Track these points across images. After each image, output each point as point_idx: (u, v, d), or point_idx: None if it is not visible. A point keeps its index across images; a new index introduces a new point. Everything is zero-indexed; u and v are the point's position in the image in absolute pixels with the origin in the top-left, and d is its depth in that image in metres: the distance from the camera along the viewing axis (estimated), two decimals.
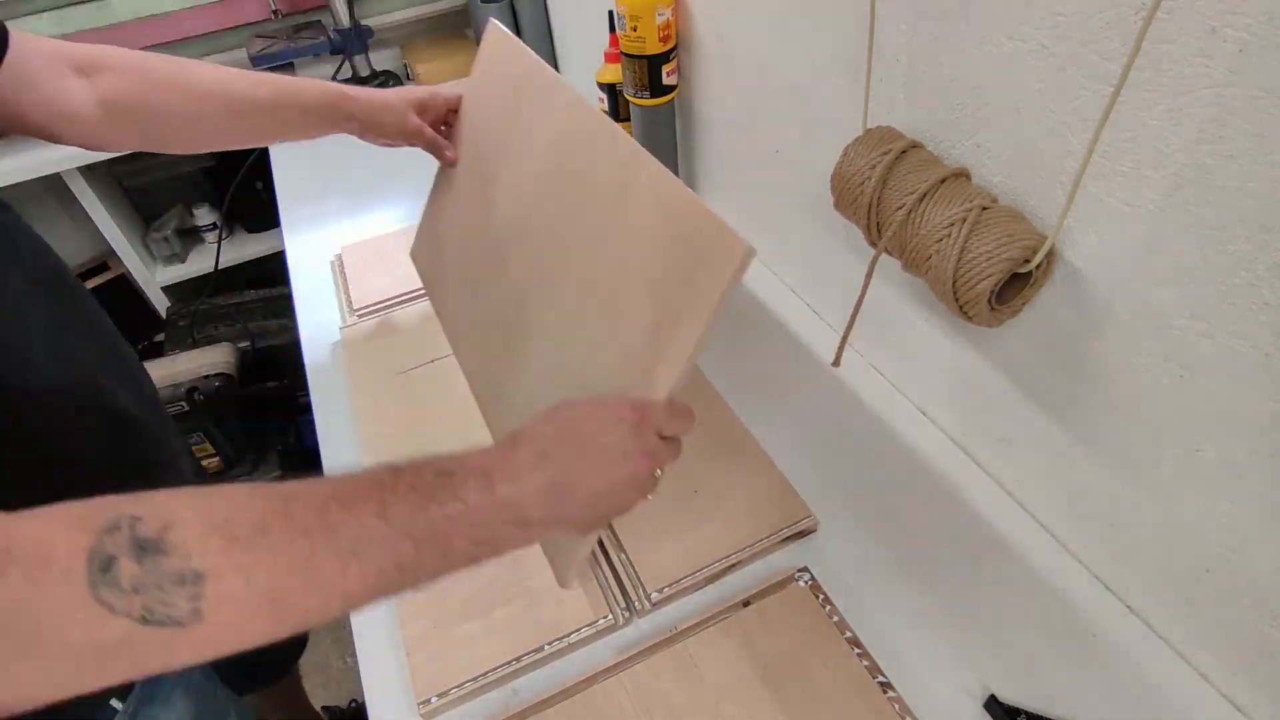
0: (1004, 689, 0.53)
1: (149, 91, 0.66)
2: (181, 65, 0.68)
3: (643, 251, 0.50)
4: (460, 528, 0.38)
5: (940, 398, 0.70)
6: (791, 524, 0.63)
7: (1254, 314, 0.40)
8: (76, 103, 0.62)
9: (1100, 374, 0.51)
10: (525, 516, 0.40)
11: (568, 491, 0.41)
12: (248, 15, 1.50)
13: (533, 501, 0.40)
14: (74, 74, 0.63)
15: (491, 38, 0.74)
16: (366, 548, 0.36)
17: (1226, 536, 0.46)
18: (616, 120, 1.04)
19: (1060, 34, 0.44)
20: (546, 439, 0.43)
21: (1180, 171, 0.40)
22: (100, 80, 0.64)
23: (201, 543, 0.33)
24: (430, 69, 1.48)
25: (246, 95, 0.70)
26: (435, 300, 0.82)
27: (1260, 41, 0.34)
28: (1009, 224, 0.49)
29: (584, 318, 0.56)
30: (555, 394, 0.56)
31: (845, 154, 0.58)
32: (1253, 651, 0.48)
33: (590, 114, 0.58)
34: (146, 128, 0.67)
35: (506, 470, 0.41)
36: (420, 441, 0.74)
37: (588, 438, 0.43)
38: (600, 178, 0.55)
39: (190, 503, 0.34)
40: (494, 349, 0.68)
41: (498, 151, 0.70)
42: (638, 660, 0.57)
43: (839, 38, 0.64)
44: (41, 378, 0.52)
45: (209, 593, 0.32)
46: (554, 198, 0.60)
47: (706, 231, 0.44)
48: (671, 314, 0.46)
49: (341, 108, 0.74)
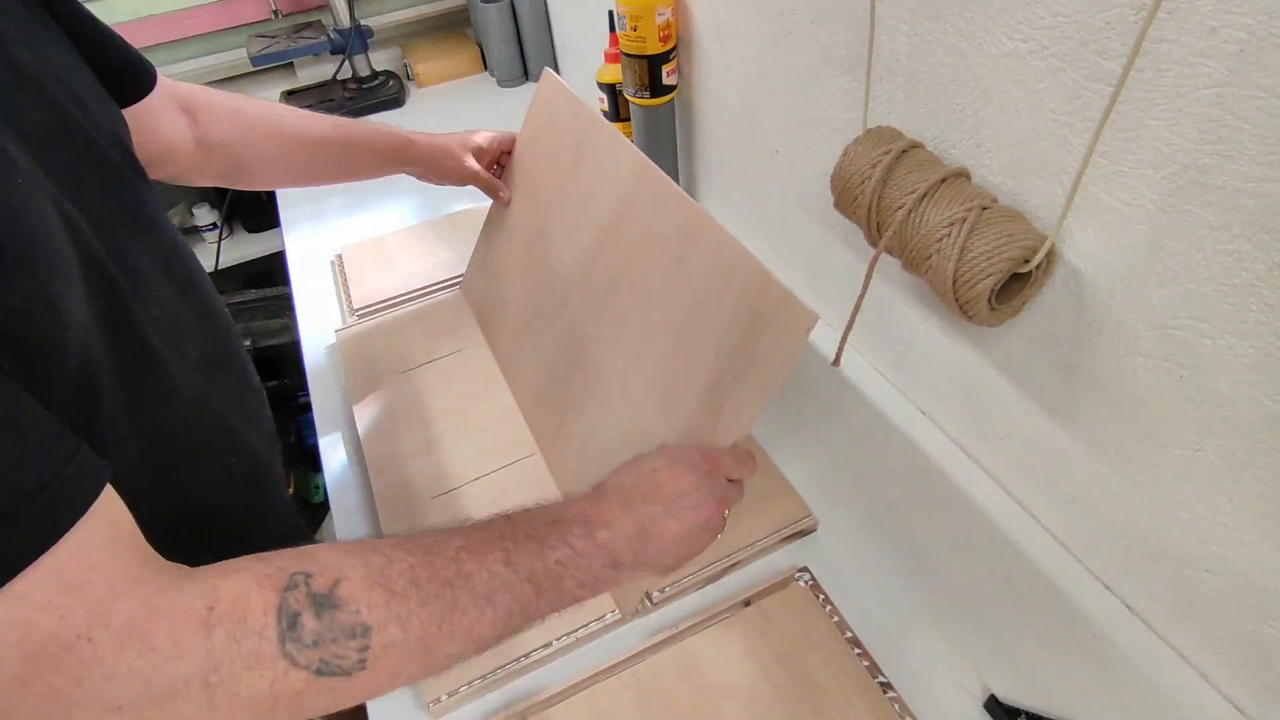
0: (1004, 689, 0.53)
1: (242, 131, 0.70)
2: (268, 107, 0.74)
3: (708, 312, 0.54)
4: (569, 570, 0.42)
5: (940, 397, 0.70)
6: (791, 524, 0.63)
7: (1254, 314, 0.40)
8: (180, 140, 0.65)
9: (1100, 374, 0.51)
10: (618, 560, 0.44)
11: (652, 537, 0.45)
12: (248, 15, 1.50)
13: (623, 546, 0.44)
14: (180, 111, 0.66)
15: (546, 87, 0.79)
16: (498, 593, 0.39)
17: (1226, 536, 0.46)
18: (616, 120, 1.04)
19: (1060, 34, 0.44)
20: (629, 489, 0.47)
21: (1180, 171, 0.40)
22: (199, 119, 0.67)
23: (367, 596, 0.36)
24: (430, 69, 1.48)
25: (324, 137, 0.75)
26: (488, 333, 0.86)
27: (1260, 41, 0.34)
28: (1009, 224, 0.49)
29: (646, 366, 0.60)
30: (616, 434, 0.62)
31: (845, 154, 0.58)
32: (1253, 651, 0.48)
33: (655, 176, 0.61)
34: (236, 166, 0.71)
35: (600, 517, 0.45)
36: (421, 441, 0.74)
37: (666, 487, 0.47)
38: (663, 239, 0.59)
39: (350, 559, 0.37)
40: (553, 388, 0.72)
41: (557, 199, 0.74)
42: (640, 659, 0.57)
43: (839, 38, 0.64)
44: (181, 414, 0.50)
45: (374, 643, 0.35)
46: (616, 252, 0.65)
47: (773, 297, 0.49)
48: (736, 372, 0.51)
49: (406, 153, 0.79)
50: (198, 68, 1.49)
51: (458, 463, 0.72)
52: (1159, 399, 0.47)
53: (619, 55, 0.91)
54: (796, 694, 0.54)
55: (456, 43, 1.57)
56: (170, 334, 0.49)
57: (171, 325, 0.50)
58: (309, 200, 1.20)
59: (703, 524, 0.47)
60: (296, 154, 0.74)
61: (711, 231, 0.54)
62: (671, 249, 0.58)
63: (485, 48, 1.47)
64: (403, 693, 0.57)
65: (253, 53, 1.40)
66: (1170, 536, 0.50)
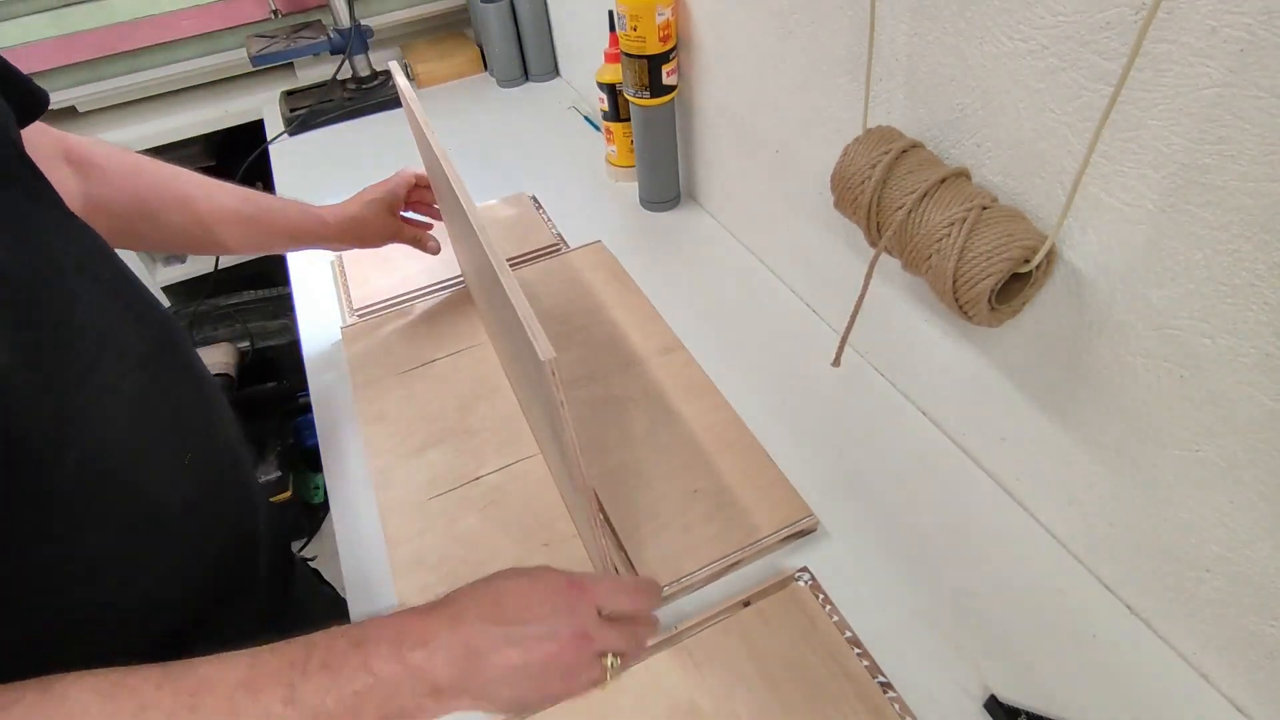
0: (1004, 689, 0.53)
1: (139, 195, 0.66)
2: (167, 172, 0.70)
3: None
4: (369, 703, 0.37)
5: (940, 398, 0.70)
6: (791, 524, 0.63)
7: (1254, 314, 0.40)
8: (63, 192, 0.51)
9: (1100, 374, 0.51)
10: (437, 685, 0.38)
11: (480, 660, 0.39)
12: (247, 15, 1.50)
13: (443, 669, 0.38)
14: (66, 163, 0.61)
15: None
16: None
17: (1226, 537, 0.46)
18: (616, 121, 1.04)
19: (1060, 34, 0.44)
20: (466, 603, 0.41)
21: (1180, 171, 0.40)
22: (90, 175, 0.63)
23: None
24: (430, 69, 1.48)
25: (233, 210, 0.72)
26: (490, 333, 0.85)
27: (1260, 41, 0.34)
28: (1009, 224, 0.49)
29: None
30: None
31: (845, 154, 0.58)
32: (1253, 652, 0.48)
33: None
34: (126, 226, 0.66)
35: (417, 635, 0.39)
36: (421, 441, 0.74)
37: (511, 609, 0.41)
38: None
39: (97, 702, 0.33)
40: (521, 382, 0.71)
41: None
42: (639, 659, 0.57)
43: (839, 38, 0.64)
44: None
45: None
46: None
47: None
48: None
49: (318, 232, 0.79)
50: (197, 68, 1.49)
51: (458, 463, 0.72)
52: (1159, 399, 0.47)
53: (619, 55, 0.91)
54: (796, 694, 0.54)
55: (456, 43, 1.57)
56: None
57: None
58: (309, 200, 1.20)
59: (551, 661, 0.40)
60: (200, 225, 0.70)
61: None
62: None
63: (485, 48, 1.47)
64: None
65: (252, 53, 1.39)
66: (1170, 537, 0.50)
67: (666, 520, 0.64)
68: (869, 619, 0.58)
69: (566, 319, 0.87)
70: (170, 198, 0.68)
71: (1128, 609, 0.56)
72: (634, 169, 1.05)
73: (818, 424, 0.73)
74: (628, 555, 0.62)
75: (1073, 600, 0.58)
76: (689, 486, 0.67)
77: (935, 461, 0.68)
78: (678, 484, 0.67)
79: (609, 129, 1.07)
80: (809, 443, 0.71)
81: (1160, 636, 0.54)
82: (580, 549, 0.63)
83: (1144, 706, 0.51)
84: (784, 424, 0.73)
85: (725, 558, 0.62)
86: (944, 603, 0.58)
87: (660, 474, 0.68)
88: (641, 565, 0.61)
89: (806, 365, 0.79)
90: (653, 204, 1.04)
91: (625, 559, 0.62)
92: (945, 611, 0.58)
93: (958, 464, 0.68)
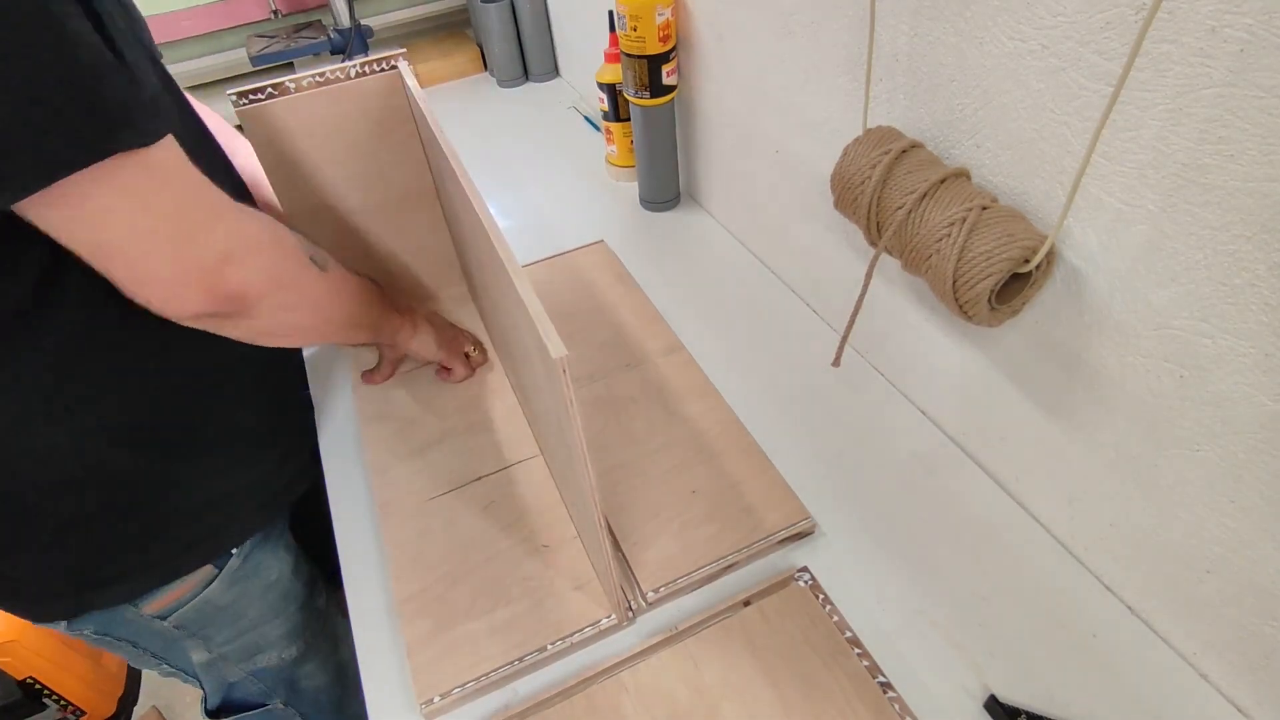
0: (1004, 689, 0.53)
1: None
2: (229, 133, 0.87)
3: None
4: (386, 327, 0.74)
5: (940, 398, 0.70)
6: (791, 524, 0.63)
7: (1254, 314, 0.40)
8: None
9: (1100, 374, 0.51)
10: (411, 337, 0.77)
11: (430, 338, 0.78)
12: (248, 15, 1.50)
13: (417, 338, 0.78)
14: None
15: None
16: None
17: (1226, 537, 0.46)
18: (616, 120, 1.04)
19: (1060, 34, 0.44)
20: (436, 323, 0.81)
21: (1180, 171, 0.40)
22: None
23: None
24: (430, 69, 1.48)
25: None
26: (492, 333, 0.86)
27: (1260, 41, 0.34)
28: (1009, 224, 0.49)
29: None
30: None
31: (845, 154, 0.58)
32: (1253, 652, 0.48)
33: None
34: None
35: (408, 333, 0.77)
36: (422, 442, 0.74)
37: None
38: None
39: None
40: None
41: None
42: (638, 660, 0.57)
43: (839, 38, 0.64)
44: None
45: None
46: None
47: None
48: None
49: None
50: (198, 68, 1.49)
51: (459, 464, 0.72)
52: (1159, 399, 0.47)
53: (619, 55, 0.91)
54: (796, 694, 0.54)
55: (456, 43, 1.57)
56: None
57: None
58: None
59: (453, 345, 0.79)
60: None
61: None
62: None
63: (485, 48, 1.47)
64: (394, 695, 0.57)
65: (252, 53, 1.40)
66: (1170, 537, 0.50)
67: (666, 520, 0.64)
68: (869, 619, 0.58)
69: (569, 318, 0.87)
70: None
71: (1128, 609, 0.56)
72: (634, 169, 1.05)
73: (818, 424, 0.73)
74: (625, 554, 0.62)
75: (1073, 600, 0.58)
76: (688, 487, 0.67)
77: (935, 461, 0.68)
78: (677, 484, 0.67)
79: (609, 129, 1.07)
80: (809, 442, 0.71)
81: (1160, 636, 0.54)
82: (581, 549, 0.63)
83: (1144, 707, 0.51)
84: (784, 423, 0.73)
85: (724, 558, 0.62)
86: (944, 603, 0.58)
87: (660, 474, 0.68)
88: (641, 565, 0.61)
89: (806, 365, 0.79)
90: (653, 204, 1.04)
91: (623, 558, 0.62)
92: (945, 611, 0.58)
93: (958, 464, 0.68)
